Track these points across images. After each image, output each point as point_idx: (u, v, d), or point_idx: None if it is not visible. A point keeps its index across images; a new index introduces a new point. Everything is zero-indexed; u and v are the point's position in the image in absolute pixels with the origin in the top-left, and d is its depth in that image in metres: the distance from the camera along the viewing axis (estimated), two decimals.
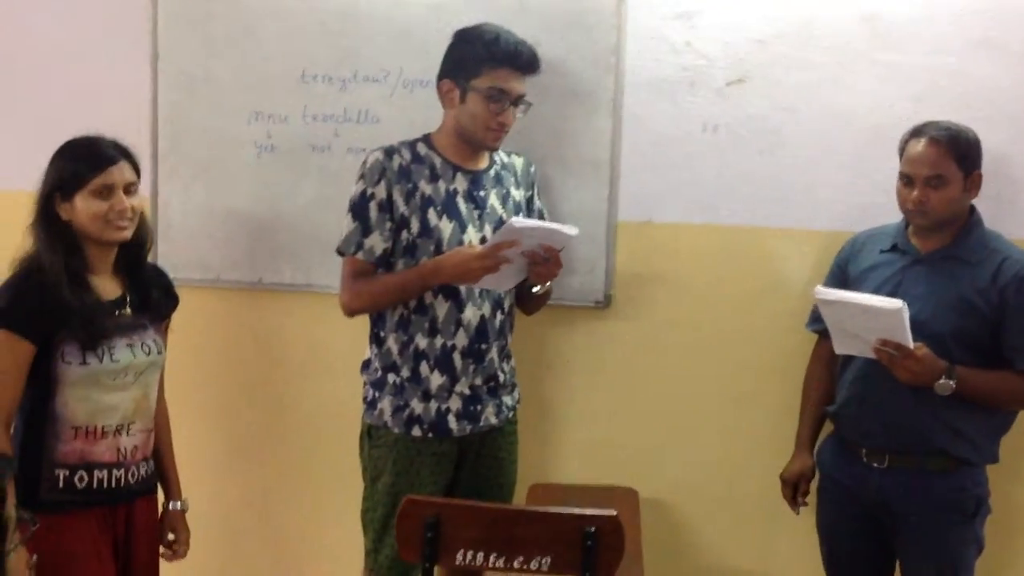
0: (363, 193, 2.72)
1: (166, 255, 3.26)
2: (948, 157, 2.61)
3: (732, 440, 3.18)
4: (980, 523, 2.73)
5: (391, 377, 2.78)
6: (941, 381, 2.58)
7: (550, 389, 3.24)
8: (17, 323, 2.39)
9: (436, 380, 2.75)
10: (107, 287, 2.52)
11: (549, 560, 2.31)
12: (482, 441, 2.84)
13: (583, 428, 3.24)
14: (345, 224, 2.73)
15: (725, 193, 3.10)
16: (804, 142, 3.05)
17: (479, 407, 2.80)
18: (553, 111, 3.08)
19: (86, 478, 2.47)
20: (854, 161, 3.03)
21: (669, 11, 3.06)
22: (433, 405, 2.76)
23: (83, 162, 2.44)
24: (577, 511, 2.32)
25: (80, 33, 3.30)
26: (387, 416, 2.77)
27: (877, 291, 2.69)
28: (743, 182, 3.09)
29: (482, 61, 2.69)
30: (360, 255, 2.72)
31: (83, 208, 2.43)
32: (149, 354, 2.55)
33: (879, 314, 2.53)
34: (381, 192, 2.70)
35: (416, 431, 2.75)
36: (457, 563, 2.33)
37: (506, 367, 2.88)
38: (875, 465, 2.73)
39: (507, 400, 2.88)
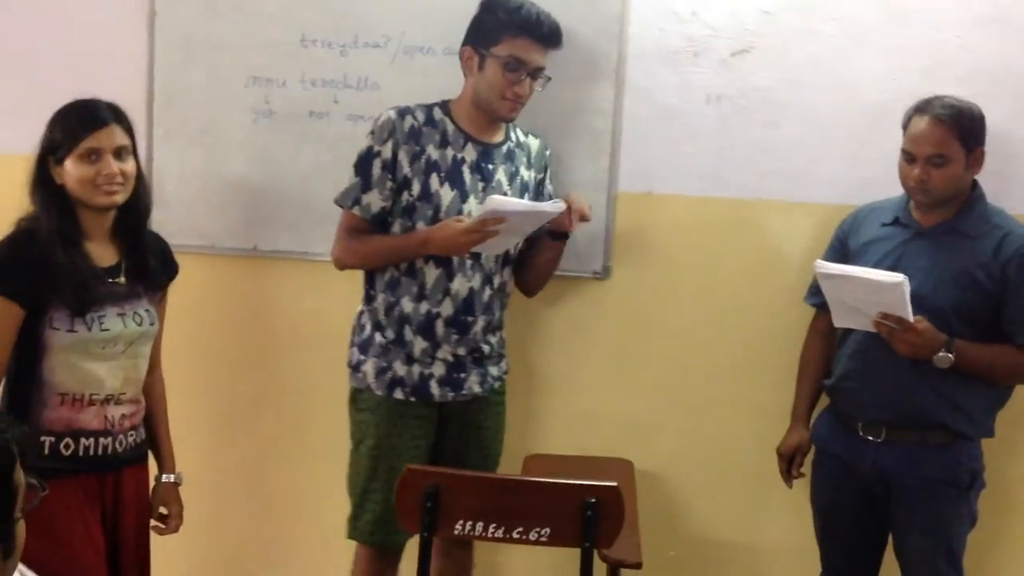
0: (369, 150, 2.73)
1: (161, 221, 3.16)
2: (951, 136, 2.60)
3: (729, 412, 3.18)
4: (975, 497, 2.74)
5: (377, 337, 2.78)
6: (940, 354, 2.58)
7: (548, 359, 3.23)
8: (6, 285, 2.36)
9: (419, 344, 2.76)
10: (102, 253, 2.48)
11: (549, 531, 2.31)
12: (466, 409, 2.85)
13: (580, 399, 3.23)
14: (348, 178, 2.74)
15: (727, 165, 3.08)
16: (808, 115, 3.03)
17: (462, 375, 2.80)
18: (555, 79, 3.02)
19: (72, 445, 2.44)
20: (858, 135, 3.01)
21: None
22: (416, 369, 2.76)
23: (73, 126, 2.41)
24: (577, 482, 2.32)
25: None
26: (371, 379, 2.78)
27: (878, 264, 2.69)
28: (745, 154, 3.07)
29: (503, 29, 2.68)
30: (356, 210, 2.73)
31: (72, 172, 2.39)
32: (141, 324, 2.51)
33: (880, 288, 2.53)
34: (387, 151, 2.71)
35: (399, 393, 2.76)
36: (456, 532, 2.34)
37: (492, 339, 2.86)
38: (871, 439, 2.73)
39: (492, 370, 2.88)
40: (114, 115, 2.45)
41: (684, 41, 3.04)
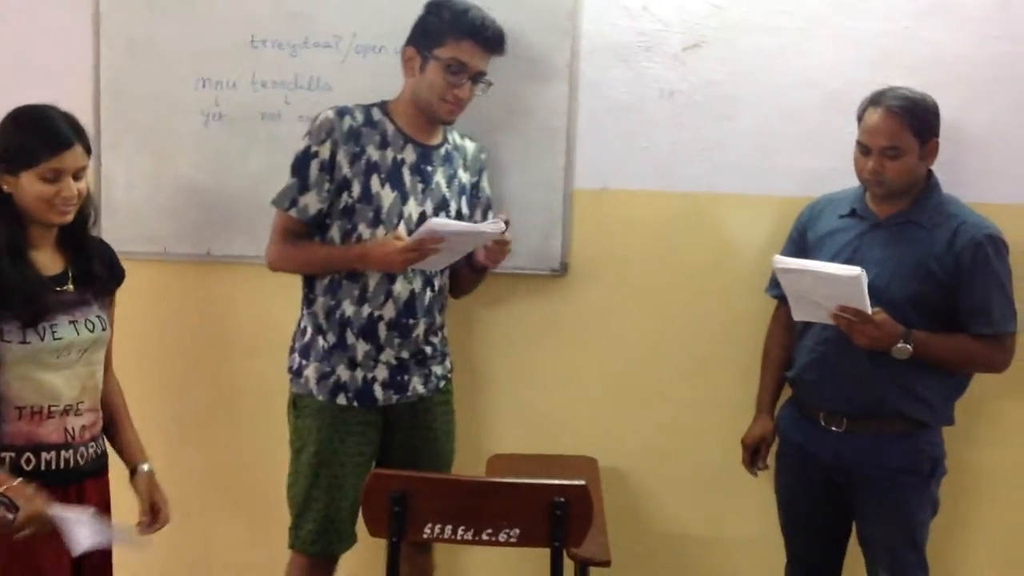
0: (306, 150, 2.70)
1: (110, 228, 3.14)
2: (904, 128, 2.61)
3: (690, 407, 3.19)
4: (936, 484, 2.77)
5: (319, 341, 2.76)
6: (899, 345, 2.60)
7: (507, 358, 3.21)
8: None
9: (361, 348, 2.73)
10: (48, 262, 2.42)
11: (518, 531, 2.30)
12: (412, 411, 2.83)
13: (541, 397, 3.22)
14: (286, 180, 2.71)
15: (682, 159, 3.09)
16: (762, 108, 3.05)
17: (405, 376, 2.78)
18: (508, 77, 3.02)
19: (33, 460, 2.38)
20: (812, 127, 3.03)
21: None
22: (359, 373, 2.74)
23: (37, 141, 2.32)
24: (546, 481, 2.30)
25: None
26: (312, 384, 2.75)
27: (835, 257, 2.71)
28: (700, 148, 3.08)
29: (447, 31, 2.66)
30: (293, 212, 2.70)
31: (29, 188, 2.32)
32: (93, 330, 2.46)
33: (837, 281, 2.54)
34: (325, 152, 2.68)
35: (341, 399, 2.73)
36: (425, 536, 2.31)
37: (434, 340, 2.85)
38: (833, 429, 2.75)
39: (436, 370, 2.86)
40: (76, 134, 2.37)
41: (636, 36, 3.04)
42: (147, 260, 3.17)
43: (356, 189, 2.69)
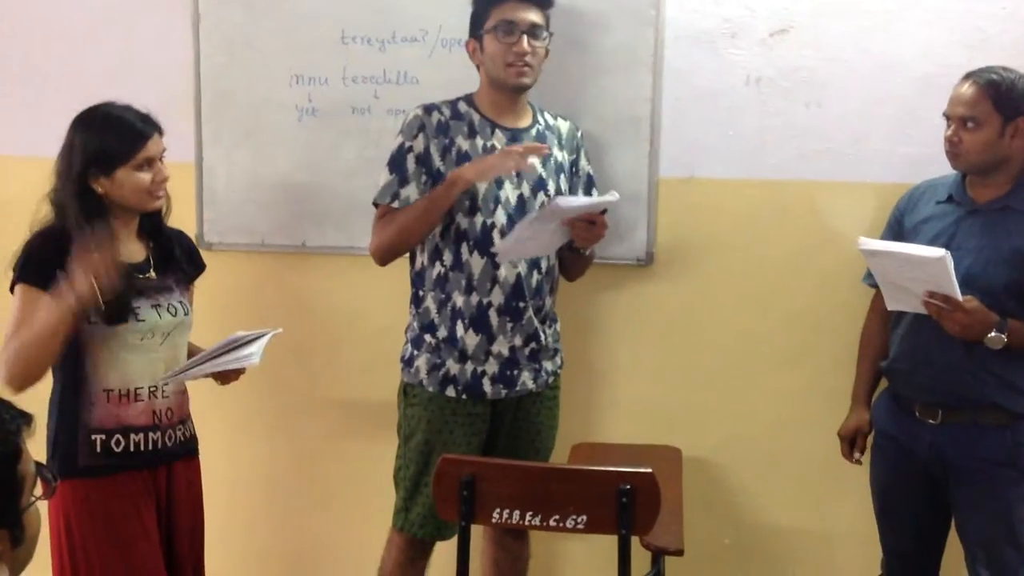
0: (400, 146, 2.75)
1: (211, 221, 3.30)
2: (984, 99, 2.54)
3: (780, 399, 3.14)
4: None
5: (428, 337, 2.79)
6: (992, 334, 2.51)
7: (594, 349, 3.22)
8: (40, 279, 2.38)
9: (472, 340, 2.75)
10: (132, 251, 2.54)
11: (585, 518, 2.31)
12: (519, 405, 2.84)
13: (628, 387, 3.22)
14: (382, 177, 2.76)
15: (769, 147, 3.04)
16: (851, 93, 2.98)
17: (516, 371, 2.80)
18: (592, 66, 3.04)
19: (122, 442, 2.49)
20: (904, 111, 2.96)
21: None
22: (469, 367, 2.76)
23: (125, 137, 2.44)
24: (612, 468, 2.30)
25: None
26: (423, 374, 2.79)
27: (931, 243, 2.63)
28: (788, 135, 3.03)
29: (487, 4, 2.70)
30: (396, 204, 2.74)
31: (127, 181, 2.44)
32: (175, 315, 2.56)
33: (922, 264, 2.47)
34: (419, 146, 2.73)
35: (450, 391, 2.76)
36: (493, 521, 2.34)
37: (547, 330, 2.86)
38: (929, 421, 2.68)
39: (547, 365, 2.87)
40: (150, 122, 2.50)
41: (721, 23, 3.01)
42: (246, 251, 3.30)
43: None
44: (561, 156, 2.87)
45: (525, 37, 2.69)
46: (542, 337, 2.83)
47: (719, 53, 3.03)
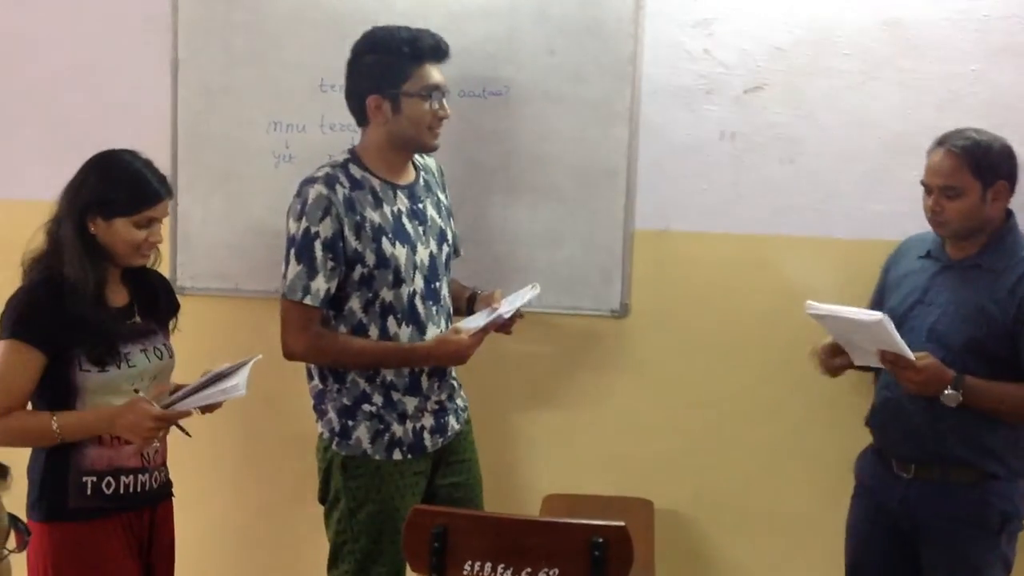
0: (306, 232, 2.59)
1: (185, 265, 3.29)
2: (963, 168, 2.57)
3: (753, 453, 3.15)
4: (1008, 540, 2.65)
5: (365, 406, 2.71)
6: (947, 392, 2.52)
7: (568, 399, 3.22)
8: (30, 335, 2.39)
9: (410, 403, 2.72)
10: (117, 295, 2.55)
11: (557, 571, 2.29)
12: (448, 449, 2.82)
13: (600, 439, 3.21)
14: (290, 267, 2.62)
15: (743, 201, 3.08)
16: (824, 150, 3.03)
17: (445, 418, 2.79)
18: (570, 120, 3.07)
19: (113, 484, 2.48)
20: (875, 169, 3.00)
21: (686, 19, 3.04)
22: (409, 425, 2.72)
23: (134, 192, 2.45)
24: (585, 521, 2.30)
25: (101, 42, 3.32)
26: (365, 444, 2.69)
27: (906, 297, 2.69)
28: (761, 190, 3.07)
29: (408, 64, 2.62)
30: (308, 300, 2.60)
31: (122, 233, 2.45)
32: (162, 358, 2.58)
33: (864, 327, 2.51)
34: (326, 230, 2.59)
35: (397, 454, 2.70)
36: (465, 573, 2.32)
37: (454, 372, 2.86)
38: (903, 475, 2.69)
39: (459, 402, 2.87)
40: (165, 186, 2.52)
41: (697, 79, 3.05)
42: (219, 296, 3.29)
43: (370, 257, 2.62)
44: (442, 197, 2.86)
45: (444, 100, 2.68)
46: (454, 382, 2.85)
47: (695, 109, 3.06)
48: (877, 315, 2.48)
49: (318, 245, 2.59)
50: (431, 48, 2.64)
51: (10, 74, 3.39)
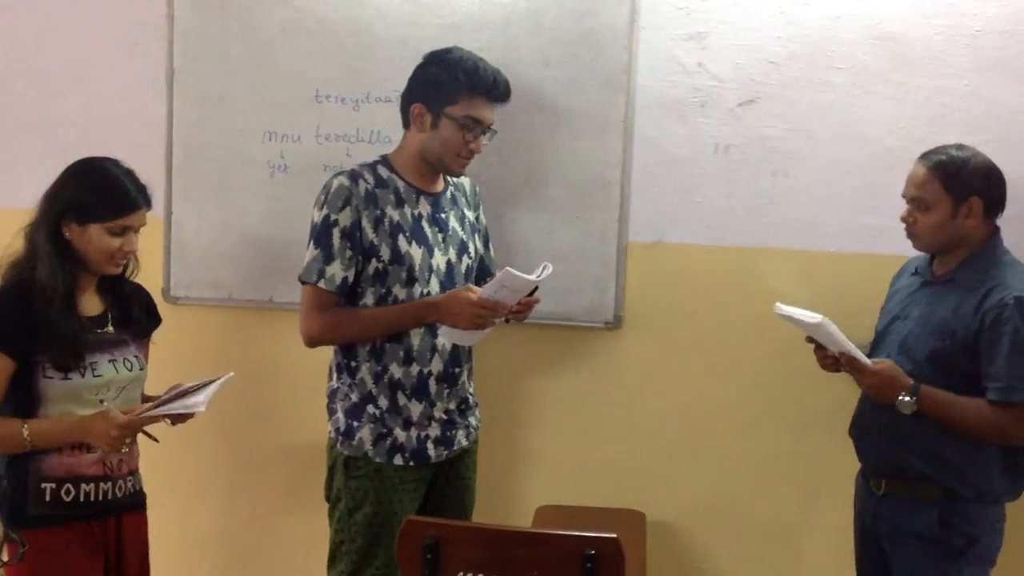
0: (325, 219, 2.65)
1: (179, 274, 3.29)
2: (933, 182, 2.57)
3: (745, 464, 3.16)
4: (969, 564, 2.59)
5: (370, 408, 2.73)
6: (902, 398, 2.51)
7: (560, 410, 3.23)
8: (2, 340, 2.38)
9: (416, 408, 2.72)
10: (90, 304, 2.53)
11: None
12: (452, 464, 2.82)
13: (592, 450, 3.22)
14: (308, 251, 2.68)
15: (736, 214, 3.09)
16: (817, 163, 3.04)
17: (453, 431, 2.79)
18: (564, 131, 3.08)
19: (72, 491, 2.46)
20: (868, 183, 3.02)
21: (681, 32, 3.05)
22: (414, 433, 2.73)
23: (114, 198, 2.45)
24: (576, 533, 2.29)
25: (97, 51, 3.33)
26: (367, 445, 2.71)
27: (889, 313, 2.72)
28: (754, 203, 3.08)
29: (460, 89, 2.65)
30: (322, 283, 2.65)
31: (96, 240, 2.44)
32: (131, 369, 2.55)
33: (812, 328, 2.56)
34: (345, 219, 2.64)
35: (398, 459, 2.72)
36: None
37: (471, 387, 2.87)
38: (875, 492, 2.69)
39: (472, 421, 2.87)
40: (145, 194, 2.50)
41: (691, 92, 3.07)
42: (213, 305, 3.29)
43: (386, 252, 2.66)
44: (470, 215, 2.88)
45: (483, 136, 2.71)
46: (469, 398, 2.85)
47: (688, 121, 3.08)
48: (818, 317, 2.50)
49: (336, 232, 2.64)
50: (487, 84, 2.67)
51: (5, 83, 3.39)
